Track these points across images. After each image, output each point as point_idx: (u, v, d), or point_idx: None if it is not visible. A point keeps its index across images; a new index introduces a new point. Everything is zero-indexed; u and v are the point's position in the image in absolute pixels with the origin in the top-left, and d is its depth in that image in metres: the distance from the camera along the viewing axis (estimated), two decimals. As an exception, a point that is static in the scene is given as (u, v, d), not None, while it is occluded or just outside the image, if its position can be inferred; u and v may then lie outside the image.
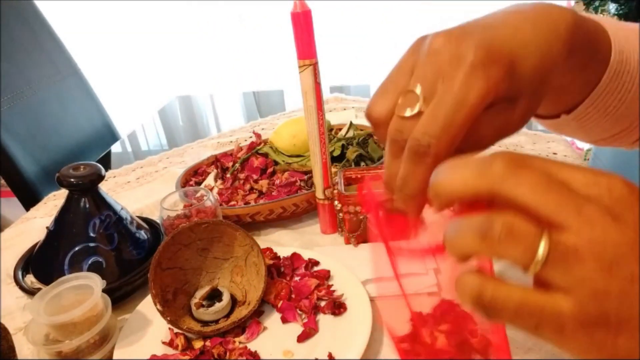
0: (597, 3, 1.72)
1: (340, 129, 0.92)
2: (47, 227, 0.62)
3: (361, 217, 0.64)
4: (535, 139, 0.95)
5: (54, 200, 0.90)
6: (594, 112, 0.43)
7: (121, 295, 0.59)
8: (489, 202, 0.24)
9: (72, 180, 0.58)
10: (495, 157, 0.23)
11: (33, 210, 0.88)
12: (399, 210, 0.31)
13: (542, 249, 0.22)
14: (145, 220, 0.69)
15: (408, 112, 0.29)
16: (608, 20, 0.43)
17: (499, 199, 0.23)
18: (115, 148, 1.28)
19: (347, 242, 0.67)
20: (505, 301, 0.23)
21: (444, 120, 0.27)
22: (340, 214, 0.66)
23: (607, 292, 0.21)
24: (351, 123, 0.91)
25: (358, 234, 0.65)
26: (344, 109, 1.20)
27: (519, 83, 0.30)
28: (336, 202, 0.66)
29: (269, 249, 0.62)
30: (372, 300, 0.54)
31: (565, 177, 0.23)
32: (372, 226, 0.37)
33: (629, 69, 0.42)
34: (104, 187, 0.63)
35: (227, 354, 0.50)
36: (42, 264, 0.61)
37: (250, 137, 0.95)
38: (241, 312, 0.53)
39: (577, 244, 0.21)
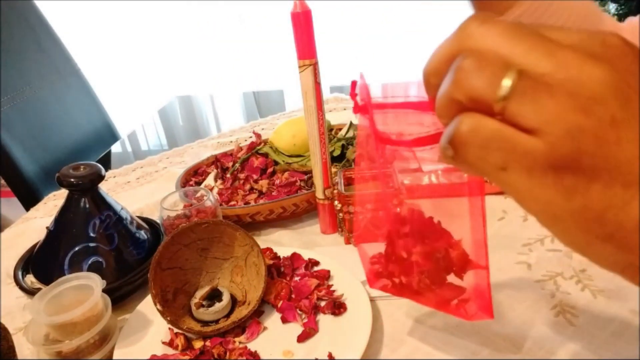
0: (597, 3, 1.72)
1: (340, 129, 0.92)
2: (47, 227, 0.62)
3: (361, 217, 0.64)
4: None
5: (54, 200, 0.90)
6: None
7: (121, 295, 0.59)
8: None
9: (72, 180, 0.58)
10: (467, 18, 0.23)
11: (33, 210, 0.88)
12: None
13: (507, 80, 0.20)
14: (145, 220, 0.69)
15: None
16: None
17: (470, 54, 0.22)
18: (115, 148, 1.28)
19: (347, 242, 0.67)
20: (476, 130, 0.21)
21: None
22: (340, 214, 0.66)
23: (582, 131, 0.20)
24: (351, 123, 0.91)
25: (357, 234, 0.65)
26: (344, 109, 1.20)
27: None
28: (336, 202, 0.66)
29: (269, 249, 0.62)
30: (372, 300, 0.54)
31: (548, 33, 0.22)
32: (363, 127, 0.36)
33: None
34: (104, 187, 0.63)
35: (227, 354, 0.50)
36: (42, 264, 0.61)
37: (250, 137, 0.95)
38: (241, 312, 0.53)
39: (550, 78, 0.20)
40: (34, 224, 0.82)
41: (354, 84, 0.37)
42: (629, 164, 0.20)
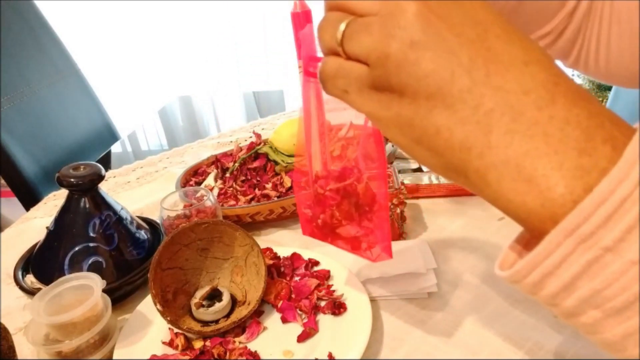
0: None
1: (340, 129, 0.92)
2: (47, 227, 0.62)
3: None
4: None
5: (54, 200, 0.90)
6: None
7: (121, 295, 0.59)
8: None
9: (72, 180, 0.58)
10: None
11: (33, 210, 0.88)
12: None
13: (341, 27, 0.27)
14: (145, 220, 0.69)
15: None
16: None
17: (325, 14, 0.29)
18: (115, 148, 1.28)
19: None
20: (329, 67, 0.28)
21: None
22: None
23: (387, 56, 0.24)
24: (351, 123, 0.91)
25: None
26: (344, 109, 1.20)
27: None
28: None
29: (269, 249, 0.62)
30: (372, 300, 0.54)
31: None
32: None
33: None
34: (104, 187, 0.63)
35: (227, 354, 0.50)
36: (42, 264, 0.61)
37: (250, 137, 0.95)
38: (241, 312, 0.53)
39: (370, 21, 0.25)
40: (34, 224, 0.82)
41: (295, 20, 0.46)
42: (427, 78, 0.24)
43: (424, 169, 0.83)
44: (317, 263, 0.61)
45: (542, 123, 0.22)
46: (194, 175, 0.85)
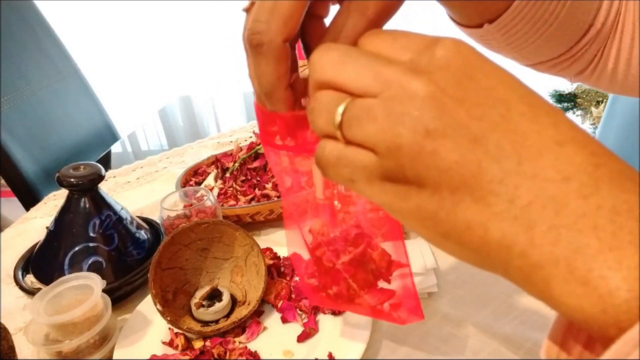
0: None
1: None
2: (47, 227, 0.62)
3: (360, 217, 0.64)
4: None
5: (54, 200, 0.90)
6: (520, 23, 0.41)
7: (121, 295, 0.59)
8: None
9: (72, 180, 0.58)
10: (314, 52, 0.25)
11: (33, 210, 0.88)
12: (275, 112, 0.31)
13: (338, 112, 0.23)
14: (145, 220, 0.69)
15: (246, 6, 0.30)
16: None
17: (321, 85, 0.24)
18: (115, 148, 1.28)
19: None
20: (328, 154, 0.24)
21: (270, 3, 0.27)
22: (341, 214, 0.66)
23: (399, 147, 0.21)
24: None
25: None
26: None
27: None
28: (336, 202, 0.65)
29: (269, 249, 0.62)
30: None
31: (387, 50, 0.23)
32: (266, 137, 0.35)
33: None
34: (104, 187, 0.63)
35: (227, 354, 0.50)
36: (42, 264, 0.61)
37: (250, 137, 0.95)
38: (241, 312, 0.53)
39: (371, 104, 0.22)
40: (34, 224, 0.82)
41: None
42: (450, 170, 0.21)
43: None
44: (317, 263, 0.61)
45: (590, 215, 0.20)
46: (194, 175, 0.85)
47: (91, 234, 0.59)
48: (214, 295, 0.55)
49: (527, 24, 0.42)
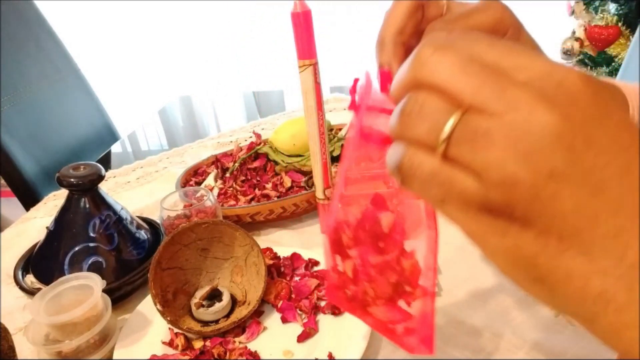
0: (597, 3, 1.71)
1: (340, 129, 0.92)
2: (47, 227, 0.62)
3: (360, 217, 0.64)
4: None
5: (54, 200, 0.90)
6: None
7: (121, 295, 0.59)
8: None
9: (72, 180, 0.58)
10: (420, 47, 0.22)
11: (33, 210, 0.88)
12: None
13: (448, 125, 0.20)
14: (145, 220, 0.69)
15: None
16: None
17: (423, 86, 0.22)
18: (115, 148, 1.28)
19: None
20: (418, 167, 0.22)
21: None
22: (340, 214, 0.66)
23: (516, 183, 0.19)
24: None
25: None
26: (344, 109, 1.20)
27: None
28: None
29: (269, 249, 0.62)
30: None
31: (506, 63, 0.21)
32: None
33: None
34: (104, 187, 0.63)
35: (227, 354, 0.50)
36: (42, 264, 0.61)
37: (250, 137, 0.95)
38: (241, 312, 0.53)
39: (491, 125, 0.19)
40: (34, 224, 0.82)
41: (356, 81, 0.36)
42: (565, 218, 0.19)
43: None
44: (317, 263, 0.61)
45: None
46: (194, 175, 0.86)
47: (91, 234, 0.59)
48: (214, 295, 0.55)
49: None
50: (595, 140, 0.19)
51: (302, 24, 0.57)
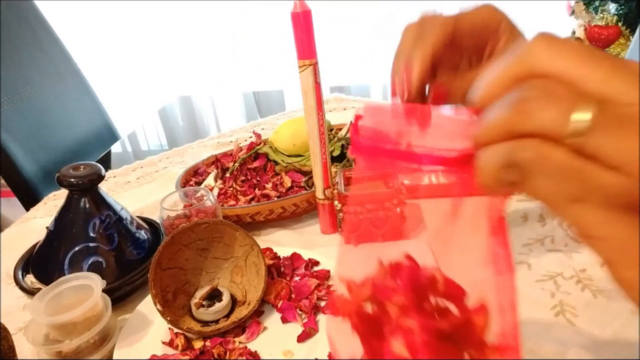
0: (597, 3, 1.71)
1: (340, 129, 0.92)
2: (47, 227, 0.62)
3: (361, 217, 0.64)
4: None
5: (54, 200, 0.90)
6: None
7: (121, 295, 0.59)
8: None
9: (72, 180, 0.58)
10: (532, 39, 0.20)
11: (33, 210, 0.88)
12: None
13: (587, 111, 0.18)
14: (145, 220, 0.69)
15: None
16: None
17: (537, 82, 0.20)
18: (115, 148, 1.28)
19: (348, 242, 0.67)
20: (546, 159, 0.19)
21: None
22: (340, 214, 0.66)
23: None
24: (351, 123, 0.91)
25: (358, 234, 0.65)
26: (344, 109, 1.20)
27: None
28: (336, 202, 0.66)
29: (269, 249, 0.62)
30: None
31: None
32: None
33: None
34: (104, 187, 0.63)
35: (227, 354, 0.50)
36: (42, 264, 0.61)
37: (250, 137, 0.95)
38: (241, 312, 0.53)
39: (631, 113, 0.17)
40: (34, 224, 0.82)
41: (358, 118, 0.30)
42: None
43: (424, 168, 0.83)
44: (317, 263, 0.61)
45: None
46: (194, 175, 0.85)
47: (91, 234, 0.59)
48: (214, 295, 0.55)
49: None
50: None
51: (302, 24, 0.57)
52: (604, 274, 0.47)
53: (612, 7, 1.69)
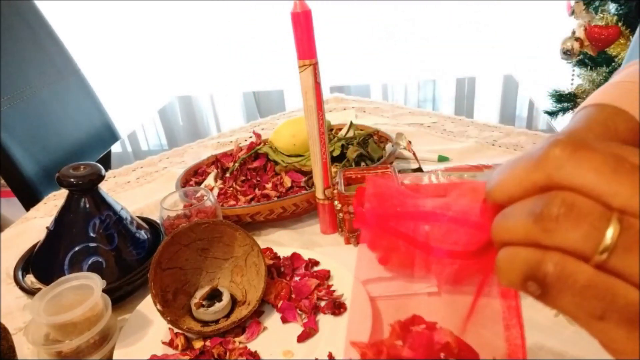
0: (597, 3, 1.72)
1: (340, 129, 0.92)
2: (47, 227, 0.62)
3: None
4: (535, 139, 0.95)
5: (54, 200, 0.90)
6: None
7: (121, 295, 0.59)
8: None
9: (72, 180, 0.58)
10: (551, 143, 0.20)
11: (33, 210, 0.88)
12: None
13: (611, 230, 0.18)
14: (145, 220, 0.69)
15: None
16: None
17: (561, 197, 0.19)
18: (115, 148, 1.28)
19: (347, 242, 0.67)
20: (571, 276, 0.19)
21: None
22: (340, 214, 0.66)
23: None
24: (351, 123, 0.91)
25: (358, 234, 0.65)
26: (344, 109, 1.20)
27: None
28: (336, 202, 0.66)
29: (269, 249, 0.62)
30: (372, 300, 0.54)
31: None
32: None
33: None
34: (104, 187, 0.63)
35: (227, 354, 0.50)
36: (42, 264, 0.61)
37: (250, 137, 0.95)
38: (241, 312, 0.53)
39: None
40: (34, 224, 0.82)
41: (361, 190, 0.30)
42: None
43: (424, 169, 0.83)
44: (317, 263, 0.61)
45: None
46: (194, 175, 0.86)
47: (91, 234, 0.59)
48: (214, 295, 0.55)
49: None
50: None
51: (302, 24, 0.57)
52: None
53: (612, 7, 1.69)
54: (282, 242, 0.70)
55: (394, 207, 0.29)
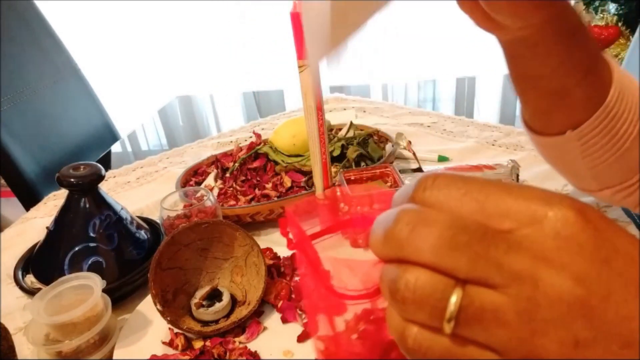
0: (597, 3, 1.71)
1: (340, 129, 0.92)
2: (47, 227, 0.62)
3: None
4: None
5: (54, 200, 0.90)
6: (599, 134, 0.43)
7: (121, 295, 0.59)
8: None
9: (72, 180, 0.58)
10: (397, 216, 0.20)
11: (33, 210, 0.88)
12: None
13: (451, 305, 0.19)
14: (145, 220, 0.69)
15: None
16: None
17: (409, 263, 0.20)
18: (115, 148, 1.28)
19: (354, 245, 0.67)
20: (428, 348, 0.20)
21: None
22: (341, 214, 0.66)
23: (543, 358, 0.18)
24: (351, 123, 0.91)
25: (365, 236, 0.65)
26: (344, 109, 1.20)
27: None
28: (342, 204, 0.65)
29: (269, 249, 0.62)
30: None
31: (489, 209, 0.19)
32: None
33: (630, 107, 0.43)
34: (104, 187, 0.63)
35: (227, 354, 0.50)
36: (42, 264, 0.61)
37: (250, 137, 0.95)
38: (241, 312, 0.53)
39: (497, 300, 0.18)
40: (34, 224, 0.82)
41: (284, 221, 0.31)
42: None
43: (424, 169, 0.83)
44: (317, 263, 0.61)
45: None
46: (194, 175, 0.86)
47: (91, 234, 0.59)
48: (214, 295, 0.55)
49: (605, 136, 0.43)
50: (612, 290, 0.18)
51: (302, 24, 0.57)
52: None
53: (612, 7, 1.69)
54: (282, 242, 0.69)
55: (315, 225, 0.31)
